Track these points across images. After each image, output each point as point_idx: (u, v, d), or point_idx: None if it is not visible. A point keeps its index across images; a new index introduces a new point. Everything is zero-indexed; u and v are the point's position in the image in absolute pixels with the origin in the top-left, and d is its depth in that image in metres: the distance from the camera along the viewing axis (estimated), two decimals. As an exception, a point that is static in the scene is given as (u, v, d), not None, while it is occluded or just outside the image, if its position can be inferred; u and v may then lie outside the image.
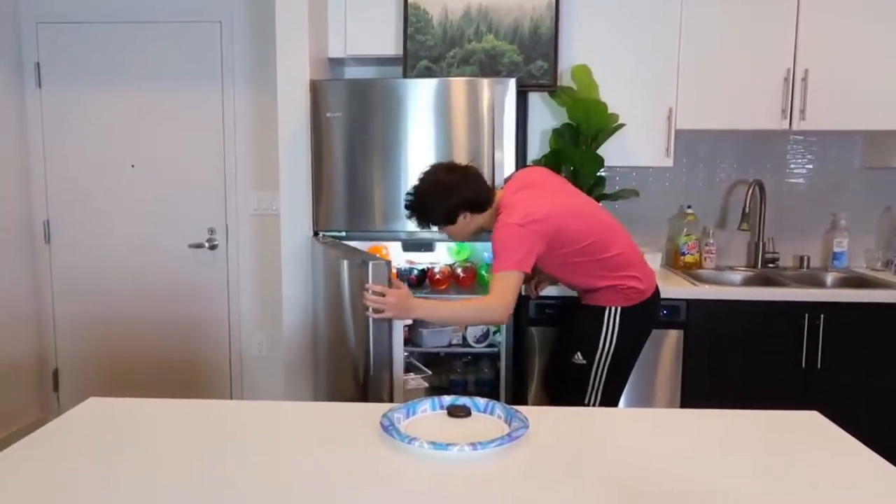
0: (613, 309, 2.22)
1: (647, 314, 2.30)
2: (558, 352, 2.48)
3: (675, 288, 2.73)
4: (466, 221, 2.14)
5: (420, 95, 2.60)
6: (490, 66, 2.79)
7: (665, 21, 2.87)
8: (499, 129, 2.57)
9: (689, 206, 3.22)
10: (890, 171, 3.17)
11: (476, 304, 2.11)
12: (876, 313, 2.66)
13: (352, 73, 3.29)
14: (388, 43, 2.92)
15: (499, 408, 1.38)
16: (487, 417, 1.38)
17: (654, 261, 3.15)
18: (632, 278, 2.22)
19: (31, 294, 3.51)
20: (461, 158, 2.58)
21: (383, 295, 1.90)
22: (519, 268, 2.02)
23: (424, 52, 2.81)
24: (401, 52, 2.85)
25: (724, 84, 2.89)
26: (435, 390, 2.57)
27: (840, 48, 2.84)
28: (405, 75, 2.83)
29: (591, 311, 2.25)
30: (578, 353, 2.25)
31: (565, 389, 2.35)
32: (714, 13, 2.86)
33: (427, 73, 2.81)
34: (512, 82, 2.56)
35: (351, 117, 2.63)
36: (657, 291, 2.34)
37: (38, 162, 3.47)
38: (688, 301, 2.68)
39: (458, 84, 2.60)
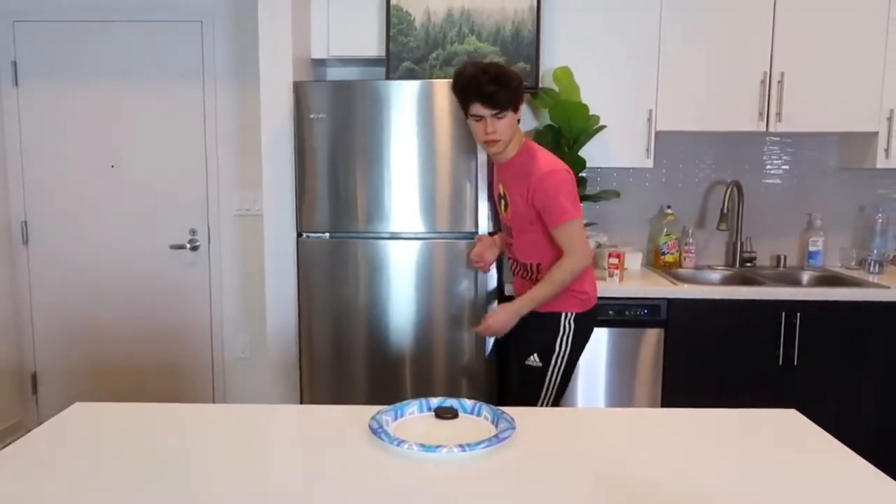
0: (569, 315, 2.19)
1: (594, 320, 2.29)
2: (511, 353, 2.38)
3: (656, 287, 2.77)
4: (516, 117, 2.12)
5: (403, 97, 2.61)
6: (473, 68, 2.80)
7: (645, 24, 2.91)
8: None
9: (668, 207, 3.27)
10: (864, 171, 3.24)
11: (566, 268, 2.11)
12: (851, 311, 2.72)
13: (335, 73, 3.29)
14: (371, 44, 2.92)
15: (486, 409, 1.40)
16: (475, 419, 1.39)
17: (634, 260, 3.19)
18: (586, 282, 2.22)
19: (8, 296, 3.47)
20: (445, 160, 2.60)
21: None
22: (580, 213, 2.13)
23: (407, 53, 2.82)
24: (384, 53, 2.86)
25: (703, 86, 2.94)
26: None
27: (815, 51, 2.90)
28: (388, 77, 2.83)
29: (548, 317, 2.20)
30: (535, 356, 2.20)
31: (519, 392, 2.29)
32: (693, 16, 2.90)
33: (410, 75, 2.81)
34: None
35: (335, 119, 2.63)
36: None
37: (15, 162, 3.42)
38: (668, 300, 2.72)
39: (441, 86, 2.61)
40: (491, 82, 1.99)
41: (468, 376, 2.72)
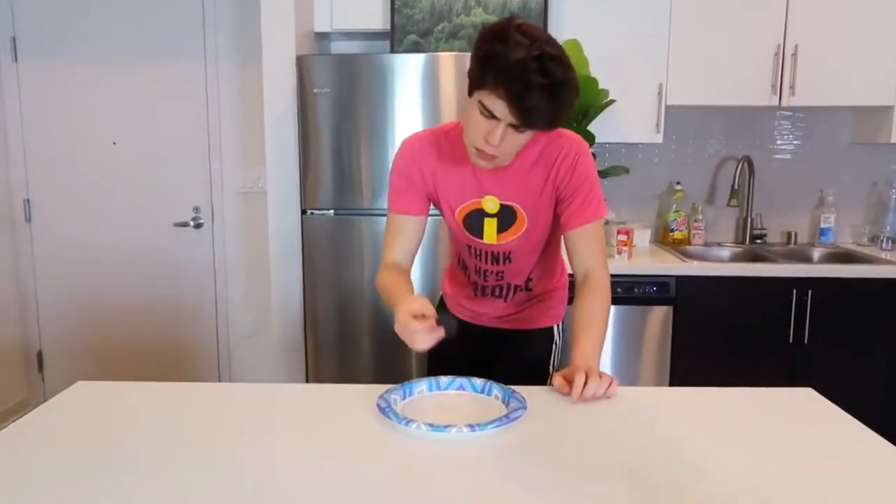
0: (561, 325, 1.77)
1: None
2: (496, 376, 1.53)
3: (665, 264, 2.73)
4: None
5: (408, 71, 2.56)
6: (479, 41, 2.74)
7: (655, -5, 2.84)
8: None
9: (678, 183, 3.21)
10: (878, 146, 3.18)
11: (605, 296, 1.49)
12: (863, 288, 2.68)
13: (338, 47, 3.23)
14: (375, 17, 2.86)
15: (496, 388, 1.37)
16: (485, 398, 1.37)
17: (643, 237, 3.15)
18: (567, 278, 1.75)
19: (12, 274, 3.45)
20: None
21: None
22: None
23: (412, 26, 2.76)
24: (388, 26, 2.80)
25: (715, 60, 2.87)
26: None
27: (830, 23, 2.82)
28: (392, 50, 2.78)
29: (538, 334, 1.74)
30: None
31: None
32: (705, -13, 2.83)
33: (415, 48, 2.76)
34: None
35: (338, 93, 2.59)
36: None
37: (16, 140, 3.39)
38: (677, 277, 2.68)
39: (447, 59, 2.56)
40: (544, 90, 1.22)
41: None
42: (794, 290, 2.67)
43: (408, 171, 1.54)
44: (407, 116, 2.58)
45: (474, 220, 1.54)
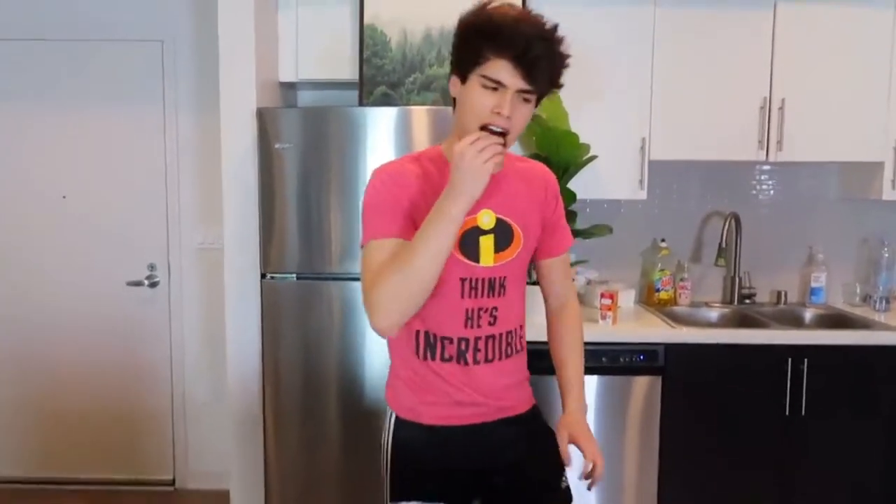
0: (536, 407, 1.56)
1: None
2: (531, 483, 1.48)
3: (652, 330, 2.56)
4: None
5: (378, 125, 2.40)
6: (453, 94, 2.60)
7: (637, 48, 2.72)
8: (463, 162, 2.37)
9: (662, 240, 3.06)
10: (866, 202, 3.06)
11: (581, 325, 1.60)
12: (860, 355, 2.52)
13: (306, 97, 3.07)
14: (344, 66, 2.71)
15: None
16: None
17: (627, 298, 2.98)
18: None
19: (-51, 337, 3.18)
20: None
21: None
22: None
23: (382, 76, 2.60)
24: (357, 76, 2.64)
25: (700, 113, 2.75)
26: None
27: (817, 77, 2.72)
28: (361, 101, 2.62)
29: (538, 411, 1.55)
30: (565, 475, 1.50)
31: None
32: (688, 41, 2.72)
33: (385, 100, 2.60)
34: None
35: (303, 148, 2.41)
36: None
37: (-43, 192, 3.16)
38: (666, 345, 2.51)
39: (420, 113, 2.41)
40: (543, 41, 1.28)
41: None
42: (790, 359, 2.50)
43: (389, 192, 1.35)
44: (361, 174, 2.40)
45: (470, 240, 1.39)
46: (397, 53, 2.59)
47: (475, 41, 1.29)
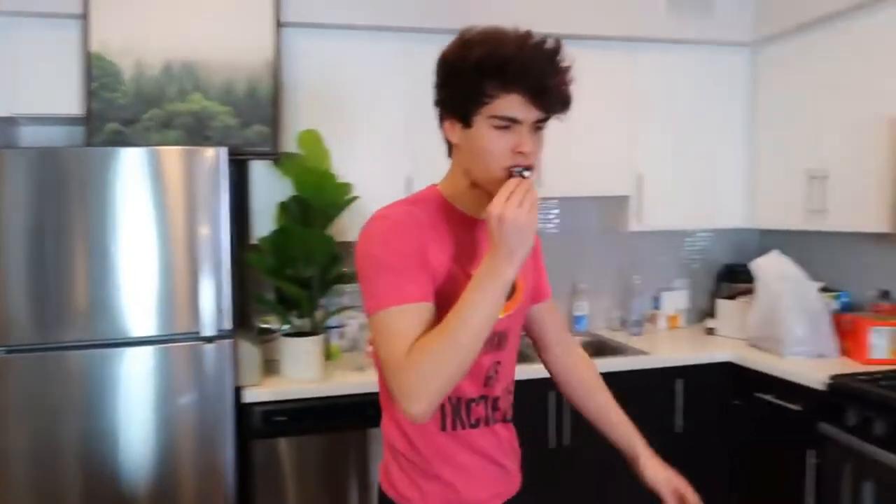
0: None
1: None
2: None
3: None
4: None
5: (110, 168, 2.09)
6: (198, 131, 2.37)
7: (400, 83, 2.68)
8: (206, 204, 2.14)
9: (436, 278, 3.04)
10: (622, 234, 3.26)
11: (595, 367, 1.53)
12: (624, 381, 2.64)
13: (31, 133, 2.65)
14: (71, 100, 2.37)
15: None
16: None
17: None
18: None
19: None
20: (172, 241, 2.11)
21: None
22: None
23: (114, 112, 2.31)
24: (84, 111, 2.32)
25: (462, 151, 2.77)
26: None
27: (569, 117, 2.85)
28: (89, 140, 2.30)
29: None
30: None
31: None
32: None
33: (117, 139, 2.30)
34: (223, 151, 2.16)
35: (23, 196, 2.04)
36: None
37: None
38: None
39: (162, 153, 2.14)
40: (552, 62, 1.15)
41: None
42: (549, 391, 2.55)
43: (405, 244, 1.14)
44: (114, 221, 2.09)
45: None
46: (131, 87, 2.32)
47: (475, 79, 1.12)
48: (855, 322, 2.53)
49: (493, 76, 1.11)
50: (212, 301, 2.15)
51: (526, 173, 1.14)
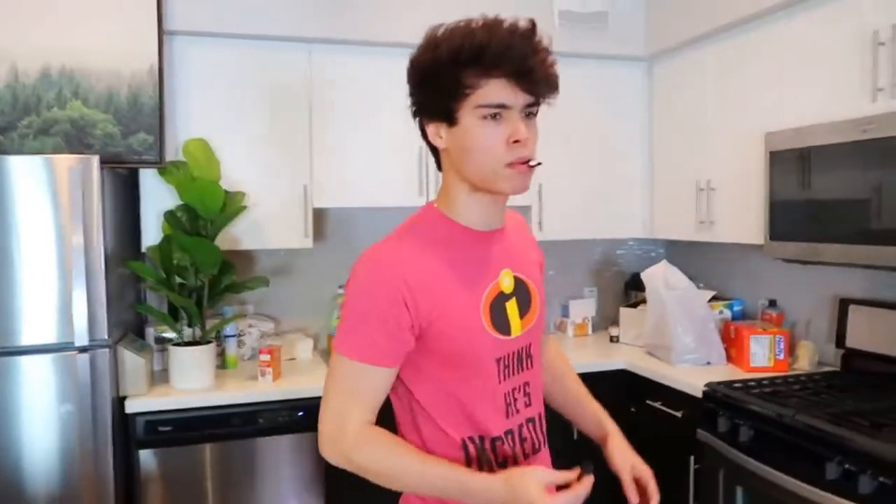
0: None
1: None
2: None
3: (315, 385, 2.47)
4: None
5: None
6: (79, 139, 2.32)
7: (294, 94, 2.67)
8: (78, 213, 2.09)
9: (340, 286, 3.03)
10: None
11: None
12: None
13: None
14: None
15: None
16: None
17: (305, 349, 2.89)
18: None
19: None
20: (20, 248, 2.06)
21: None
22: None
23: (-14, 119, 2.25)
24: (-43, 117, 2.26)
25: (362, 161, 2.77)
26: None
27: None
28: (-41, 148, 2.24)
29: None
30: None
31: None
32: (343, 86, 2.73)
33: (-10, 146, 2.24)
34: (95, 159, 2.11)
35: None
36: None
37: None
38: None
39: (30, 162, 2.08)
40: (528, 39, 1.09)
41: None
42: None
43: (384, 296, 1.08)
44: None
45: (499, 311, 1.16)
46: (6, 93, 2.26)
47: (452, 71, 1.06)
48: (738, 331, 2.59)
49: (472, 64, 1.05)
50: (84, 311, 2.10)
51: (532, 163, 1.09)
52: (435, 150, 1.18)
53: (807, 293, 2.68)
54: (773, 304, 2.79)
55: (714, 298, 2.93)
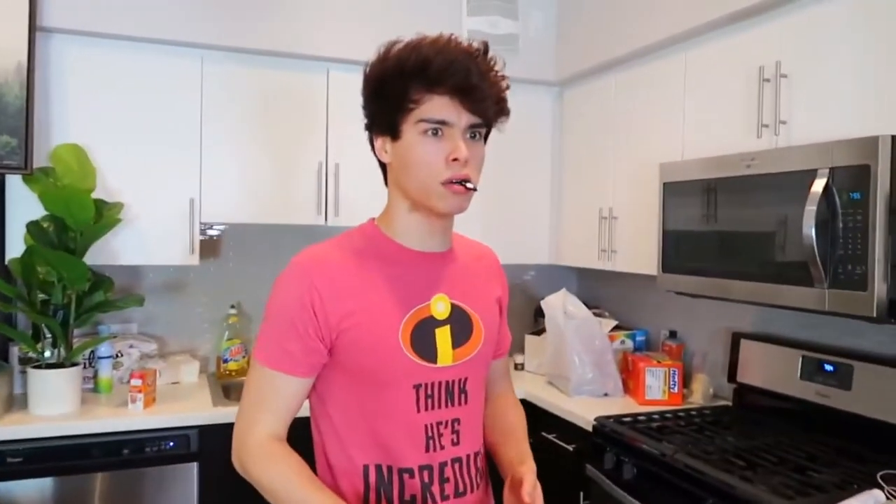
0: None
1: None
2: None
3: (190, 413, 2.30)
4: None
5: None
6: (-70, 139, 2.13)
7: (184, 103, 2.53)
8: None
9: (232, 307, 2.87)
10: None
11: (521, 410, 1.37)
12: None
13: None
14: None
15: None
16: None
17: (190, 371, 2.72)
18: None
19: None
20: None
21: None
22: None
23: None
24: None
25: (255, 176, 2.64)
26: None
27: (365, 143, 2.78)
28: None
29: None
30: None
31: None
32: (238, 99, 2.60)
33: None
34: (-57, 163, 1.94)
35: None
36: None
37: None
38: (200, 428, 2.26)
39: None
40: (474, 59, 1.08)
41: None
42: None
43: (298, 302, 1.08)
44: None
45: (424, 335, 1.12)
46: None
47: (399, 84, 1.06)
48: (634, 362, 2.55)
49: (416, 78, 1.06)
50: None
51: (469, 185, 1.07)
52: (384, 167, 1.18)
53: (704, 325, 2.67)
54: (673, 335, 2.77)
55: (617, 328, 2.89)
